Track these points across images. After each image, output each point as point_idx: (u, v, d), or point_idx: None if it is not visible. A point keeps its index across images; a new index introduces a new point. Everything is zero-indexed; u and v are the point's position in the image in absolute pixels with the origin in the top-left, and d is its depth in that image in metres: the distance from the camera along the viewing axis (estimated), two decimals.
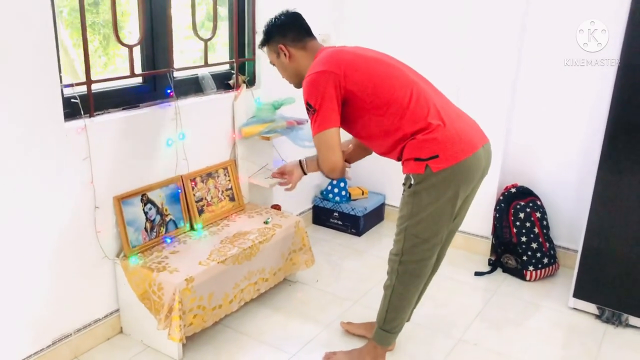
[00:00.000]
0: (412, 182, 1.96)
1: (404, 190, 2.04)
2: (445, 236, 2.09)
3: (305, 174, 2.20)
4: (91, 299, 2.33)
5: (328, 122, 1.94)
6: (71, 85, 2.12)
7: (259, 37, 2.24)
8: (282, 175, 2.31)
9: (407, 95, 1.95)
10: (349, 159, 2.34)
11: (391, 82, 1.97)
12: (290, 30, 2.12)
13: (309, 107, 1.96)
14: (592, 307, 2.69)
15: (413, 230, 2.01)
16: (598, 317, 2.67)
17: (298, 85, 2.16)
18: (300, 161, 2.21)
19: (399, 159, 2.05)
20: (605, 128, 2.48)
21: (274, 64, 2.23)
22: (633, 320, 2.59)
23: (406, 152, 1.97)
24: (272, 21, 2.16)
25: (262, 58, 2.98)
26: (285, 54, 2.12)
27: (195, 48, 2.85)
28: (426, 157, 1.91)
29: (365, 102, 1.97)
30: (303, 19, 2.18)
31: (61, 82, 2.06)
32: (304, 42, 2.13)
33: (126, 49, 2.32)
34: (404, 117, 1.94)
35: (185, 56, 2.82)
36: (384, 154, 2.12)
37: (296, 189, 2.34)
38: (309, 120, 2.01)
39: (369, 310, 2.66)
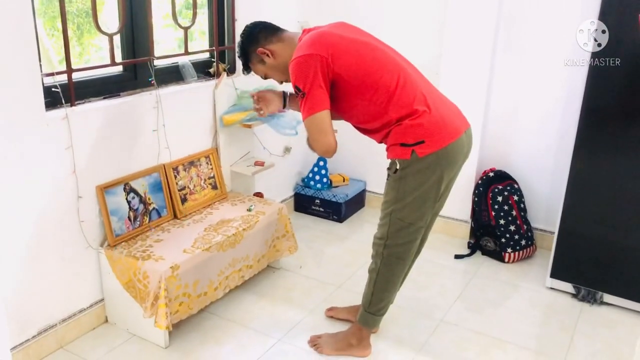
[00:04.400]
0: (398, 167, 1.98)
1: (388, 175, 2.05)
2: (429, 219, 2.13)
3: (284, 107, 2.15)
4: (76, 288, 2.33)
5: (318, 104, 1.91)
6: (52, 74, 2.09)
7: (238, 31, 2.20)
8: (259, 100, 2.27)
9: (395, 80, 1.95)
10: None
11: (379, 67, 1.97)
12: (259, 33, 2.11)
13: (297, 90, 1.94)
14: (568, 287, 2.77)
15: (398, 215, 2.04)
16: (574, 295, 2.76)
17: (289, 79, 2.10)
18: (284, 92, 2.13)
19: (381, 142, 2.08)
20: (579, 115, 2.55)
21: (266, 75, 2.18)
22: (607, 297, 2.68)
23: (392, 138, 1.99)
24: (240, 42, 2.16)
25: None
26: (268, 55, 2.09)
27: (171, 37, 2.82)
28: (412, 142, 1.94)
29: (352, 86, 1.97)
30: (265, 22, 2.17)
31: (41, 71, 2.03)
32: (277, 35, 2.12)
33: (100, 39, 2.29)
34: (390, 102, 1.95)
35: (161, 46, 2.79)
36: (367, 134, 2.14)
37: (278, 176, 2.30)
38: (298, 104, 1.98)
39: (352, 294, 2.70)
